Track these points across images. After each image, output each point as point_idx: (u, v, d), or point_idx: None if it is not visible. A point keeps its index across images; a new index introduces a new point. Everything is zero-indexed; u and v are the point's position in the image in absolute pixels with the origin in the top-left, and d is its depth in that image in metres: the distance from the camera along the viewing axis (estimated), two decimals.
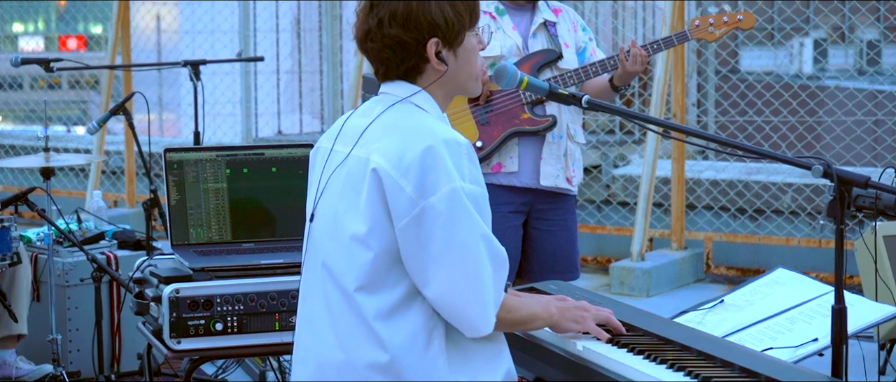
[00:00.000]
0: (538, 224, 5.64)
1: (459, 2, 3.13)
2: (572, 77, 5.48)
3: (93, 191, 10.13)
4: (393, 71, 3.15)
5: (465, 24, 3.14)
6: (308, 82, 11.37)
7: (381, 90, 3.21)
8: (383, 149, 3.05)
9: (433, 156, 3.00)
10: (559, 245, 5.68)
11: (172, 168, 4.38)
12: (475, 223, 3.02)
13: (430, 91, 3.16)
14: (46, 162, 5.89)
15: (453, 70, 3.16)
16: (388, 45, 3.10)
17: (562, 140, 5.57)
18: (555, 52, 5.55)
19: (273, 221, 4.43)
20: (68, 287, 6.12)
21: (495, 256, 3.07)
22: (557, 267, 5.71)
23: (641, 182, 8.76)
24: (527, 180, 5.55)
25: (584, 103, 3.42)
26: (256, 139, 10.57)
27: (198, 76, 6.73)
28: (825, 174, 3.13)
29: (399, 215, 3.01)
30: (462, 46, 3.16)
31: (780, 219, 8.86)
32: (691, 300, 8.25)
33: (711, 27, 5.53)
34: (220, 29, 11.94)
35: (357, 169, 3.09)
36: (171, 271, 4.13)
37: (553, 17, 5.64)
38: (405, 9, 3.08)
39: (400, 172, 3.01)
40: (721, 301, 3.83)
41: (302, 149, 4.46)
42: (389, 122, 3.11)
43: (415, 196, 3.00)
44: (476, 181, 3.06)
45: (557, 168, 5.57)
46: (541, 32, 5.59)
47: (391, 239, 3.04)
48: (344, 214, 3.10)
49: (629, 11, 10.83)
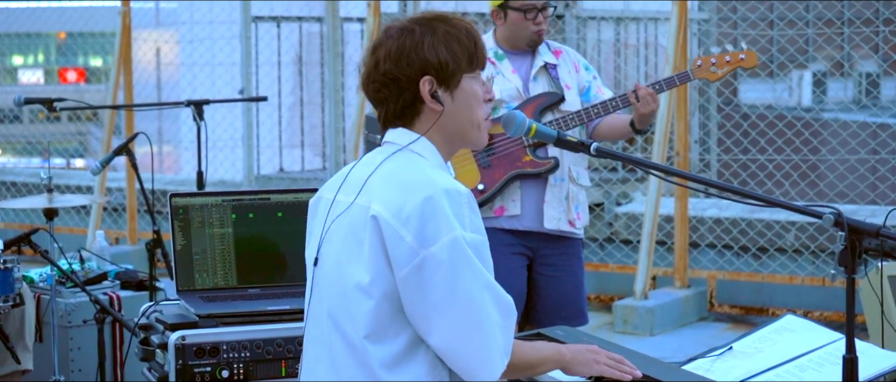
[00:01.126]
0: (543, 269, 5.62)
1: (456, 44, 3.14)
2: (574, 119, 5.47)
3: (95, 230, 10.12)
4: (391, 112, 3.16)
5: (461, 65, 3.14)
6: (310, 119, 11.37)
7: (383, 139, 3.21)
8: (384, 199, 3.04)
9: (433, 206, 2.99)
10: (565, 291, 5.66)
11: (178, 213, 4.36)
12: (478, 271, 3.00)
13: (430, 137, 3.16)
14: (49, 202, 5.88)
15: (451, 112, 3.15)
16: (383, 83, 3.13)
17: (563, 183, 5.55)
18: (557, 94, 5.53)
19: (279, 266, 4.41)
20: (71, 327, 6.08)
21: (501, 304, 3.05)
22: (564, 313, 5.68)
23: (644, 220, 8.75)
24: (529, 224, 5.54)
25: (593, 151, 3.40)
26: (258, 176, 10.55)
27: (201, 116, 6.72)
28: (836, 223, 3.11)
29: (400, 265, 3.00)
30: (459, 89, 3.15)
31: (783, 258, 8.84)
32: (695, 339, 8.27)
33: (714, 67, 5.51)
34: (219, 62, 11.95)
35: (359, 217, 3.08)
36: (177, 317, 4.10)
37: (554, 59, 5.63)
38: (399, 47, 3.12)
39: (400, 222, 2.99)
40: (729, 348, 3.80)
41: (308, 194, 4.44)
42: (390, 171, 3.11)
43: (415, 245, 2.98)
44: (477, 229, 3.05)
45: (560, 210, 5.56)
46: (542, 75, 5.58)
47: (392, 287, 3.03)
48: (347, 263, 3.09)
49: (631, 49, 10.85)
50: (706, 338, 8.32)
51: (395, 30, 3.16)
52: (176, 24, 15.92)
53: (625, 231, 9.52)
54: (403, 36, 3.13)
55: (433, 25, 3.15)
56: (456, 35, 3.15)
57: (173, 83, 14.90)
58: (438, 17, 3.19)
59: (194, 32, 13.18)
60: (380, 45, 3.16)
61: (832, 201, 9.11)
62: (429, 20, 3.17)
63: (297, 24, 11.20)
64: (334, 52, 9.84)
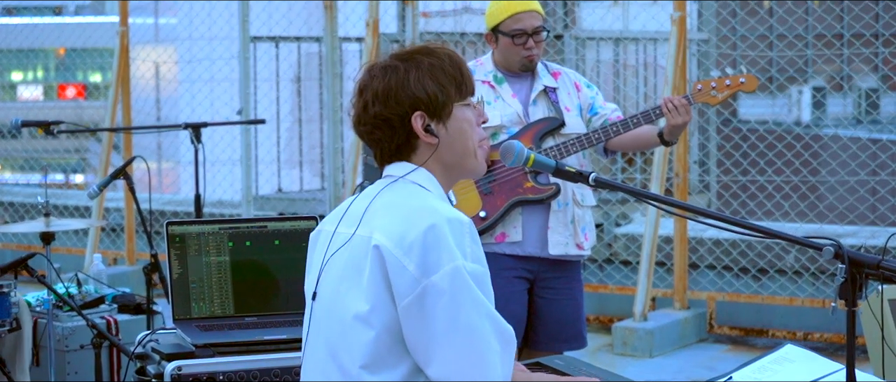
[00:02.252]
0: (544, 293, 5.59)
1: (442, 75, 3.12)
2: (574, 144, 5.44)
3: (93, 252, 10.10)
4: (387, 151, 3.16)
5: (450, 95, 3.13)
6: (309, 139, 11.35)
7: (384, 172, 3.20)
8: (385, 228, 3.03)
9: (436, 235, 2.98)
10: (565, 314, 5.63)
11: (174, 241, 4.34)
12: (479, 301, 2.99)
13: (429, 168, 3.15)
14: (46, 227, 5.86)
15: (446, 143, 3.14)
16: (375, 125, 3.12)
17: (568, 207, 5.52)
18: (557, 120, 5.50)
19: (276, 295, 4.39)
20: (68, 352, 6.07)
21: (502, 334, 3.03)
22: (563, 336, 5.66)
23: (644, 241, 8.73)
24: (531, 249, 5.51)
25: (591, 181, 3.38)
26: (257, 197, 10.53)
27: (199, 138, 6.71)
28: (836, 256, 3.09)
29: (401, 294, 2.98)
30: (452, 118, 3.14)
31: (783, 279, 8.82)
32: (694, 361, 8.25)
33: (714, 91, 5.49)
34: (219, 79, 11.94)
35: (359, 248, 3.07)
36: (174, 347, 4.08)
37: (553, 81, 5.60)
38: (385, 87, 3.09)
39: (402, 251, 2.98)
40: (730, 378, 3.76)
41: (305, 222, 4.42)
42: (391, 201, 3.10)
43: (417, 275, 2.97)
44: (478, 260, 3.04)
45: (566, 235, 5.52)
46: (541, 99, 5.55)
47: (392, 317, 3.01)
48: (346, 294, 3.08)
49: (631, 70, 10.83)
50: (706, 360, 8.30)
51: (378, 69, 3.14)
52: (175, 41, 15.92)
53: (624, 252, 9.50)
54: (388, 74, 3.11)
55: (416, 59, 3.12)
56: (440, 65, 3.13)
57: (173, 100, 14.90)
58: (419, 50, 3.16)
59: (193, 50, 13.19)
60: (365, 86, 3.13)
61: (832, 222, 9.10)
62: (410, 54, 3.14)
63: (295, 44, 11.20)
64: (333, 72, 9.83)
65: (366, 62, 3.53)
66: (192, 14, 12.44)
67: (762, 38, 11.59)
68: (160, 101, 15.39)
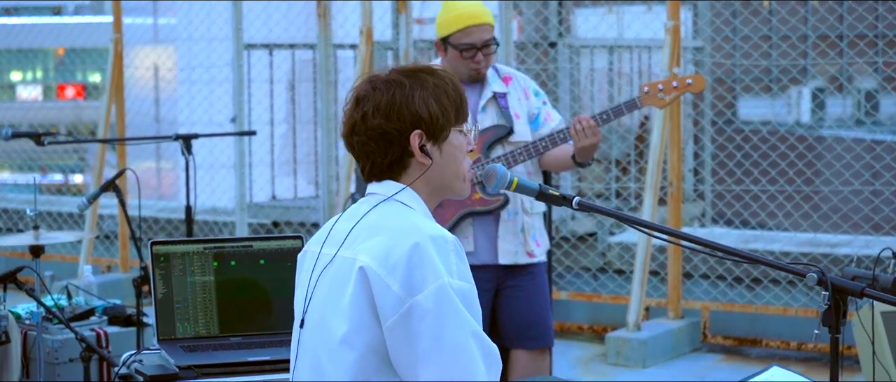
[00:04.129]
0: (507, 292, 5.67)
1: (445, 98, 3.12)
2: (522, 153, 5.43)
3: (86, 261, 10.08)
4: (378, 166, 3.14)
5: (450, 119, 3.14)
6: (303, 147, 11.33)
7: (367, 190, 3.18)
8: (370, 249, 3.02)
9: (420, 254, 2.97)
10: (530, 311, 5.69)
11: (159, 261, 4.32)
12: (464, 320, 2.98)
13: (415, 187, 3.14)
14: (36, 240, 5.84)
15: (438, 166, 3.14)
16: (371, 137, 3.10)
17: (517, 216, 5.57)
18: (505, 127, 5.50)
19: (261, 314, 4.37)
20: (58, 365, 6.05)
21: (487, 353, 3.02)
22: (530, 334, 5.72)
23: (637, 250, 8.71)
24: (485, 258, 5.55)
25: (575, 205, 3.36)
26: (250, 204, 10.51)
27: (189, 150, 6.69)
28: (820, 282, 3.07)
29: (386, 314, 2.98)
30: (447, 142, 3.15)
31: (777, 289, 8.80)
32: (688, 371, 8.22)
33: (661, 93, 5.44)
34: (218, 80, 11.92)
35: (343, 270, 3.07)
36: (157, 368, 4.07)
37: (503, 87, 5.58)
38: (389, 101, 3.08)
39: (386, 270, 2.98)
40: None
41: (291, 241, 4.41)
42: (375, 222, 3.09)
43: (402, 294, 2.96)
44: (464, 277, 3.04)
45: (516, 244, 5.57)
46: (490, 106, 5.55)
47: (376, 338, 3.00)
48: (331, 318, 3.07)
49: (625, 78, 10.82)
50: (699, 370, 8.28)
51: (381, 82, 3.13)
52: (174, 41, 15.90)
53: (618, 261, 9.49)
54: (392, 88, 3.10)
55: (421, 78, 3.13)
56: (444, 88, 3.14)
57: (172, 101, 14.88)
58: (424, 69, 3.18)
59: (192, 51, 13.18)
60: (365, 97, 3.11)
61: (827, 231, 9.07)
62: (415, 72, 3.15)
63: (289, 52, 11.18)
64: (327, 79, 9.81)
65: (364, 73, 3.51)
66: (191, 14, 12.42)
67: (765, 39, 11.57)
68: (159, 102, 15.38)
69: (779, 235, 9.10)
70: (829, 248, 8.72)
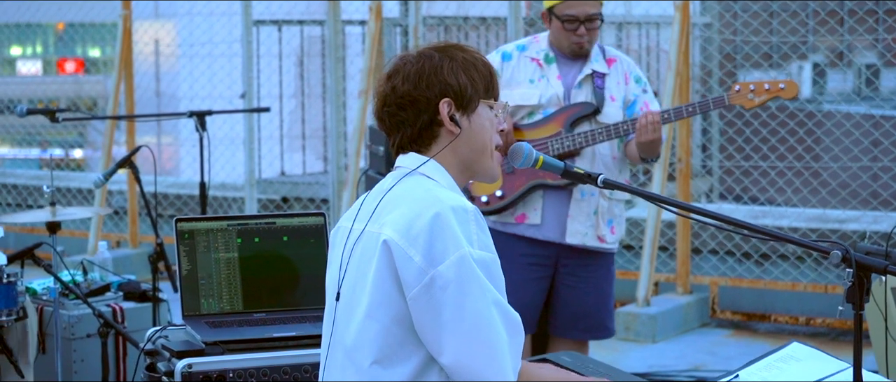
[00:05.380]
0: (566, 280, 5.54)
1: (474, 71, 3.21)
2: (602, 133, 5.39)
3: (97, 237, 10.11)
4: (407, 135, 3.21)
5: (478, 90, 3.21)
6: (311, 123, 11.36)
7: (395, 164, 3.24)
8: (392, 221, 3.08)
9: (441, 225, 3.03)
10: (587, 303, 5.57)
11: (183, 238, 4.35)
12: (485, 289, 3.03)
13: (442, 160, 3.20)
14: (53, 216, 5.88)
15: (467, 136, 3.20)
16: (401, 105, 3.18)
17: (592, 197, 5.46)
18: (592, 105, 5.44)
19: (285, 291, 4.40)
20: (74, 340, 6.09)
21: (509, 322, 3.07)
22: (582, 326, 5.61)
23: (647, 226, 8.75)
24: (550, 234, 5.47)
25: (600, 183, 3.39)
26: (260, 180, 10.54)
27: (203, 126, 6.71)
28: (843, 260, 3.10)
29: (409, 285, 3.03)
30: (476, 114, 3.21)
31: (785, 264, 8.84)
32: (697, 346, 8.27)
33: (752, 94, 5.44)
34: (215, 55, 11.93)
35: (369, 244, 3.13)
36: (183, 344, 4.10)
37: (605, 68, 5.52)
38: (418, 70, 3.18)
39: (408, 242, 3.03)
40: (736, 375, 3.78)
41: (313, 218, 4.43)
42: (399, 195, 3.15)
43: (424, 265, 3.02)
44: (485, 247, 3.08)
45: (586, 226, 5.46)
46: (586, 84, 5.48)
47: (400, 310, 3.06)
48: (360, 291, 3.13)
49: (633, 55, 10.84)
50: (708, 345, 8.32)
51: (412, 56, 3.23)
52: (174, 17, 15.91)
53: (627, 236, 9.51)
54: (422, 60, 3.20)
55: (451, 52, 3.22)
56: (473, 62, 3.22)
57: (172, 76, 14.90)
58: (455, 46, 3.27)
59: (193, 26, 13.18)
60: (397, 71, 3.21)
61: (835, 207, 9.10)
62: (446, 48, 3.24)
63: (298, 28, 11.19)
64: (336, 56, 9.82)
65: (373, 48, 3.54)
66: None
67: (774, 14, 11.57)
68: (160, 76, 15.39)
69: (787, 211, 9.13)
70: (837, 224, 8.75)
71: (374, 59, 9.50)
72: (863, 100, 11.04)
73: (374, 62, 9.48)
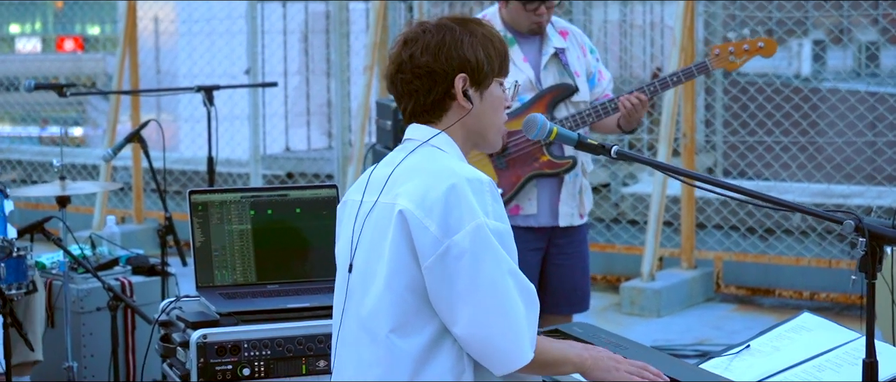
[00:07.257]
0: (556, 259, 5.59)
1: (491, 48, 3.23)
2: (590, 115, 5.36)
3: (103, 212, 10.13)
4: (419, 105, 3.22)
5: (494, 68, 3.23)
6: (316, 99, 11.36)
7: (405, 136, 3.26)
8: (408, 192, 3.10)
9: (456, 195, 3.05)
10: (574, 278, 5.63)
11: (197, 210, 4.37)
12: (501, 258, 3.06)
13: (451, 132, 3.22)
14: (63, 190, 5.90)
15: (477, 112, 3.22)
16: (417, 75, 3.18)
17: (577, 178, 5.50)
18: (571, 86, 5.42)
19: (298, 262, 4.43)
20: (83, 313, 6.12)
21: (525, 291, 3.09)
22: (572, 300, 5.67)
23: (651, 201, 8.76)
24: (545, 221, 5.49)
25: (613, 154, 3.41)
26: (264, 156, 10.55)
27: (211, 101, 6.73)
28: (857, 229, 3.12)
29: (425, 254, 3.05)
30: (489, 91, 3.23)
31: (790, 239, 8.86)
32: (701, 320, 8.30)
33: (732, 55, 5.41)
34: (219, 31, 11.91)
35: (384, 215, 3.14)
36: (198, 315, 4.12)
37: (562, 41, 5.49)
38: (439, 42, 3.18)
39: (424, 212, 3.05)
40: (747, 346, 3.81)
41: (326, 190, 4.45)
42: (412, 166, 3.17)
43: (439, 235, 3.04)
44: (500, 217, 3.11)
45: (573, 206, 5.51)
46: (552, 64, 5.46)
47: (415, 279, 3.07)
48: (375, 262, 3.14)
49: (637, 30, 10.83)
50: (713, 319, 8.35)
51: (431, 26, 3.23)
52: None
53: (631, 211, 9.54)
54: (443, 32, 3.20)
55: (471, 27, 3.23)
56: (491, 39, 3.24)
57: (173, 53, 14.87)
58: (474, 21, 3.28)
59: (193, 3, 13.14)
60: (415, 39, 3.21)
61: (839, 182, 9.12)
62: (465, 21, 3.26)
63: (303, 4, 11.19)
64: (340, 32, 9.83)
65: (378, 24, 3.56)
66: None
67: None
68: (159, 52, 15.36)
69: (792, 186, 9.14)
70: (841, 198, 8.77)
71: (379, 34, 9.50)
72: (864, 78, 11.04)
73: (378, 37, 9.49)
